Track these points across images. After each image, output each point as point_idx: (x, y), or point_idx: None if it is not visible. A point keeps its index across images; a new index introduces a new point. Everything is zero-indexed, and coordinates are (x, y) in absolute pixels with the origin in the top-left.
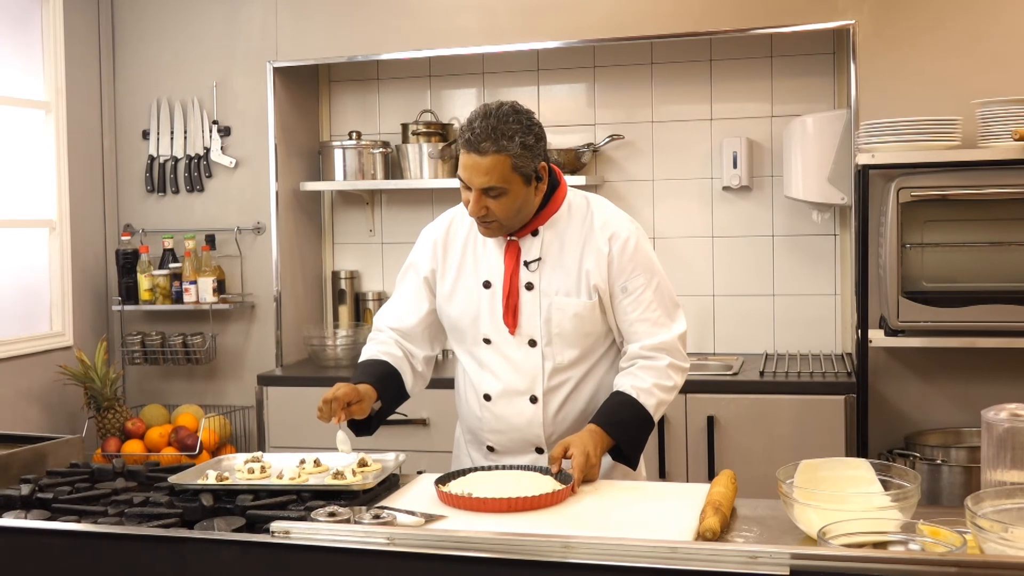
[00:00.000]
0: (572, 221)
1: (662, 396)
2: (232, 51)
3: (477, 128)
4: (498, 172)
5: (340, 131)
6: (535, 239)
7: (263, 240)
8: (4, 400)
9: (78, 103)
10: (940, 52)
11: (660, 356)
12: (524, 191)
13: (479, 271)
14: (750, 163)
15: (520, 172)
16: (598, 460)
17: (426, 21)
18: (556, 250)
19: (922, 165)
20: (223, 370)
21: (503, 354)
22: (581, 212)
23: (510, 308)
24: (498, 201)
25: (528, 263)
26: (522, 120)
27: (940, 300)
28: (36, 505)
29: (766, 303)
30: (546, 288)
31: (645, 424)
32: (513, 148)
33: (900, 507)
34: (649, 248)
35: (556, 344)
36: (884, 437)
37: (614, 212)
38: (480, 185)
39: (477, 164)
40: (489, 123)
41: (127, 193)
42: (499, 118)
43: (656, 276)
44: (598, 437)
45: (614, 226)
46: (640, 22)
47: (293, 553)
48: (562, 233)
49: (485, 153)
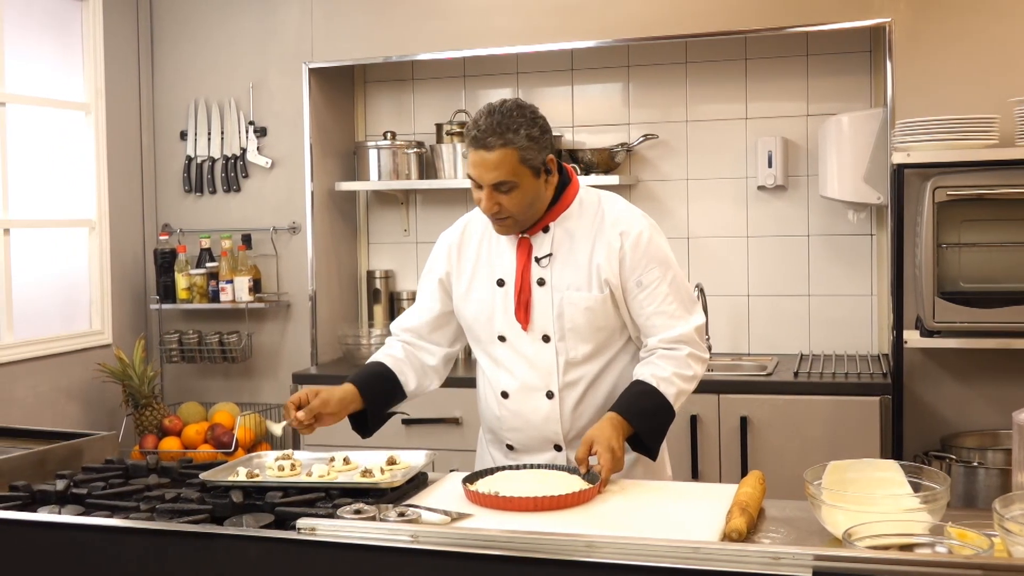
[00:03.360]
0: (583, 217)
1: (682, 385)
2: (268, 52)
3: (482, 125)
4: (506, 166)
5: (375, 131)
6: (546, 235)
7: (299, 240)
8: (44, 397)
9: (117, 104)
10: (977, 50)
11: (680, 347)
12: (534, 184)
13: (493, 270)
14: (785, 162)
15: (528, 165)
16: (622, 453)
17: (460, 21)
18: (567, 246)
19: (958, 164)
20: (259, 368)
21: (518, 351)
22: (592, 208)
23: (522, 304)
24: (509, 196)
25: (539, 259)
26: (525, 114)
27: (977, 300)
28: (71, 500)
29: (801, 303)
30: (557, 283)
31: (665, 413)
32: (519, 141)
33: (929, 509)
34: (663, 242)
35: (570, 339)
36: (919, 439)
37: (626, 207)
38: (490, 181)
39: (485, 160)
40: (493, 119)
41: (165, 193)
42: (503, 114)
43: (671, 269)
44: (619, 427)
45: (625, 221)
46: (675, 21)
47: (319, 550)
48: (573, 229)
49: (492, 148)
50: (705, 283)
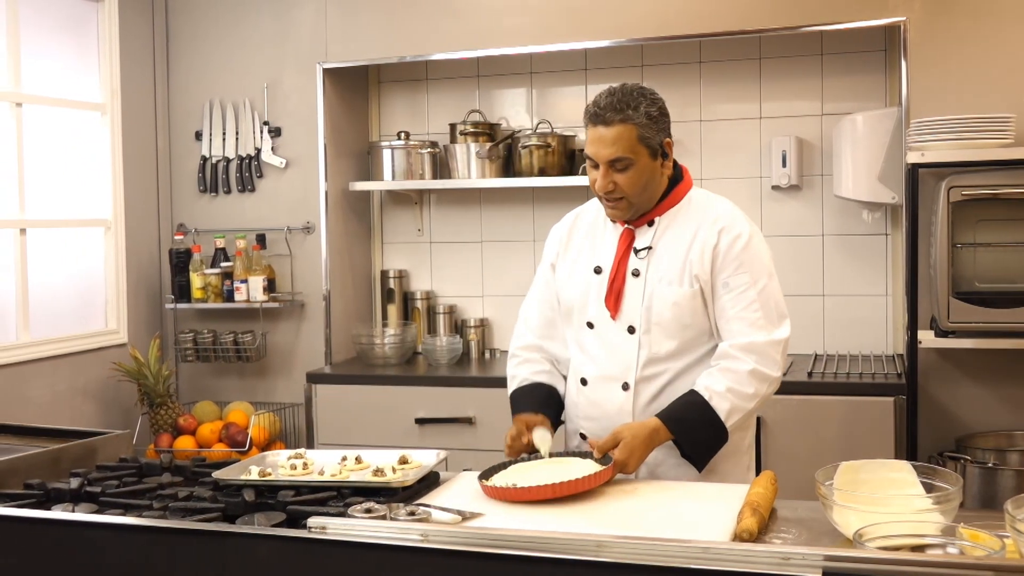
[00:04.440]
0: (690, 215)
1: (736, 402)
2: (283, 53)
3: (602, 102)
4: (624, 142)
5: (389, 131)
6: (650, 229)
7: (313, 239)
8: (61, 396)
9: (133, 105)
10: (992, 49)
11: (745, 359)
12: (650, 165)
13: (593, 257)
14: (800, 162)
15: (646, 144)
16: (639, 463)
17: (474, 21)
18: (667, 240)
19: (973, 164)
20: (273, 368)
21: (603, 339)
22: (700, 207)
23: (613, 292)
24: (625, 175)
25: (638, 250)
26: (646, 94)
27: (992, 300)
28: (84, 498)
29: (815, 303)
30: (651, 276)
31: (714, 428)
32: (639, 118)
33: (941, 510)
34: (763, 250)
35: (655, 333)
36: (934, 440)
37: (732, 209)
38: (607, 157)
39: (603, 136)
40: (614, 98)
41: (180, 193)
42: (624, 92)
43: (764, 279)
44: (654, 435)
45: (726, 220)
46: (688, 21)
47: (329, 548)
48: (677, 225)
49: (611, 123)
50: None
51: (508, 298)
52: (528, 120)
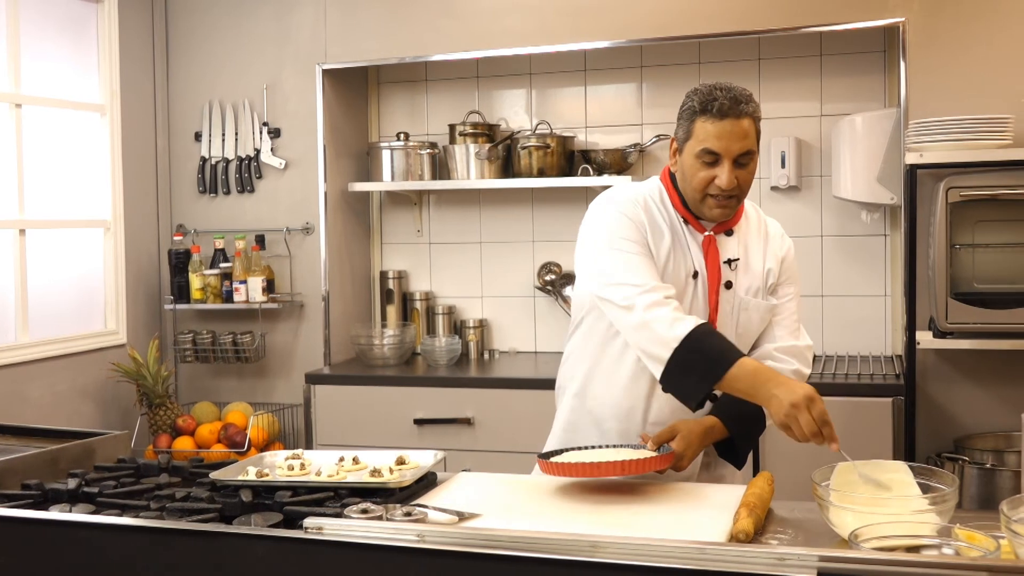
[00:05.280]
0: (751, 225)
1: None
2: (282, 54)
3: (722, 97)
4: (752, 135)
5: (388, 132)
6: (729, 239)
7: (312, 240)
8: (60, 396)
9: (132, 106)
10: (991, 50)
11: (789, 360)
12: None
13: (687, 260)
14: (799, 163)
15: (758, 141)
16: (693, 458)
17: (473, 22)
18: (745, 251)
19: (972, 164)
20: (272, 368)
21: None
22: (754, 217)
23: (713, 304)
24: (746, 169)
25: (730, 261)
26: (747, 90)
27: (991, 301)
28: (82, 499)
29: (814, 304)
30: (739, 288)
31: (758, 421)
32: (758, 112)
33: (937, 511)
34: None
35: (737, 343)
36: (933, 440)
37: (774, 220)
38: (739, 150)
39: (735, 128)
40: (734, 91)
41: (179, 194)
42: (736, 89)
43: (799, 290)
44: (709, 431)
45: (781, 231)
46: (688, 21)
47: (325, 549)
48: (747, 235)
49: (742, 116)
50: None
51: (507, 299)
52: (527, 121)
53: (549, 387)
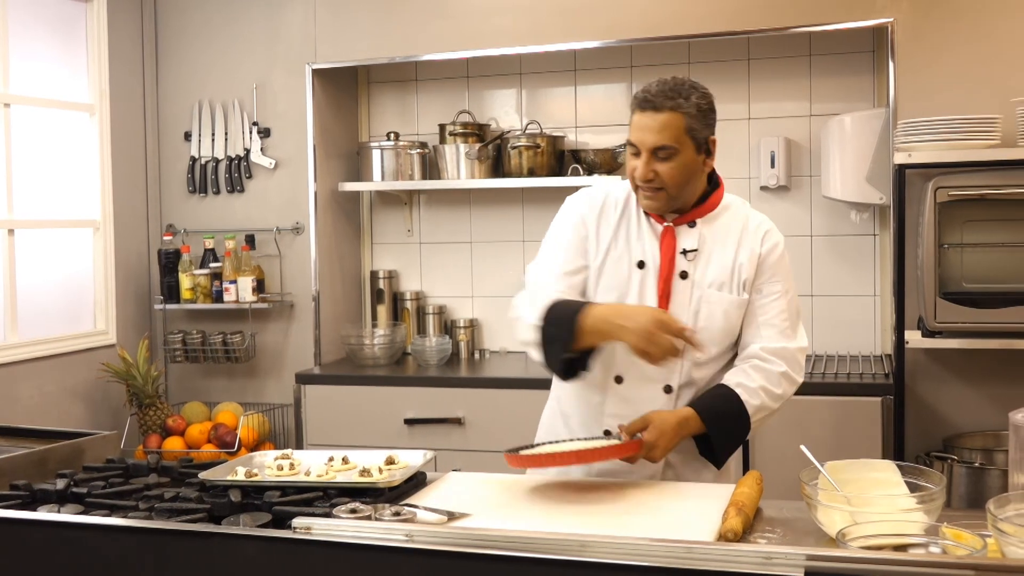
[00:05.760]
0: (728, 219)
1: (766, 401)
2: (272, 53)
3: (654, 89)
4: (672, 130)
5: (378, 132)
6: (692, 230)
7: (302, 240)
8: (49, 397)
9: (122, 105)
10: (979, 50)
11: (776, 362)
12: (694, 159)
13: (632, 250)
14: (788, 163)
15: (692, 136)
16: (667, 450)
17: (464, 22)
18: (712, 244)
19: (960, 164)
20: (262, 368)
21: None
22: (736, 212)
23: (664, 293)
24: (667, 164)
25: (686, 252)
26: (697, 87)
27: (979, 301)
28: (70, 499)
29: (804, 304)
30: (699, 280)
31: (741, 423)
32: (689, 107)
33: (925, 510)
34: (788, 259)
35: (702, 336)
36: (921, 440)
37: (766, 218)
38: (652, 144)
39: (651, 121)
40: (667, 85)
41: (169, 194)
42: (676, 82)
43: (791, 288)
44: (685, 424)
45: (767, 227)
46: (677, 21)
47: (314, 549)
48: (718, 229)
49: (661, 109)
50: None
51: (498, 299)
52: (518, 121)
53: (539, 387)
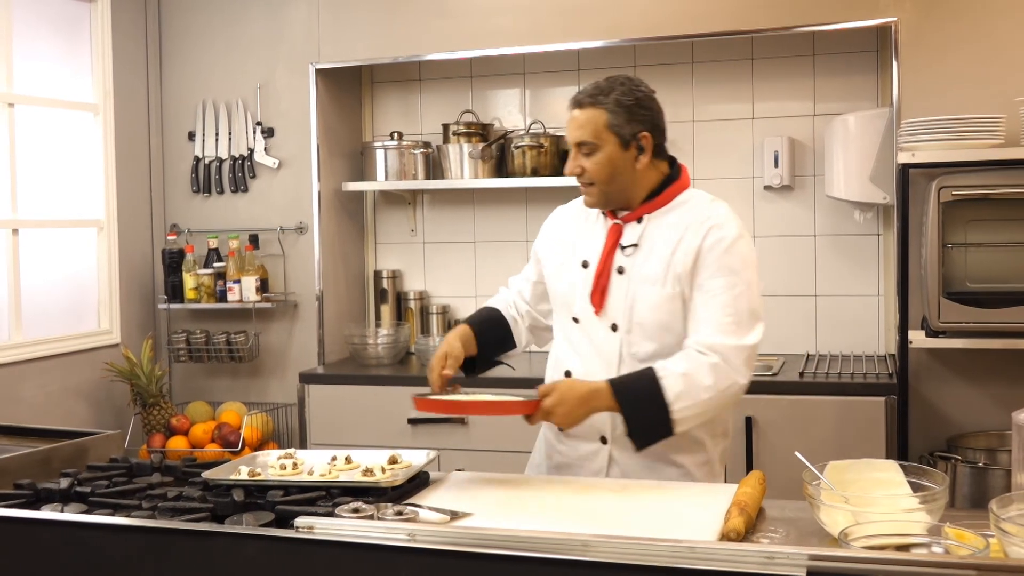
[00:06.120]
0: (681, 216)
1: (689, 389)
2: (275, 53)
3: (585, 88)
4: (591, 127)
5: (382, 132)
6: (638, 226)
7: (306, 240)
8: (53, 396)
9: (126, 105)
10: (983, 50)
11: (709, 355)
12: (620, 155)
13: (579, 251)
14: (792, 162)
15: (615, 132)
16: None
17: (467, 22)
18: (654, 239)
19: (964, 164)
20: (266, 368)
21: (588, 335)
22: (692, 207)
23: (599, 289)
24: (591, 159)
25: (624, 247)
26: (626, 83)
27: (983, 300)
28: (74, 498)
29: (808, 303)
30: (635, 274)
31: (658, 408)
32: (607, 103)
33: (927, 509)
34: (747, 254)
35: (635, 333)
36: (925, 439)
37: (726, 213)
38: (574, 139)
39: (574, 118)
40: (597, 84)
41: (173, 193)
42: (608, 80)
43: (741, 284)
44: (593, 395)
45: (716, 221)
46: (681, 21)
47: (316, 548)
48: (666, 224)
49: (582, 106)
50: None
51: None
52: (521, 120)
53: None
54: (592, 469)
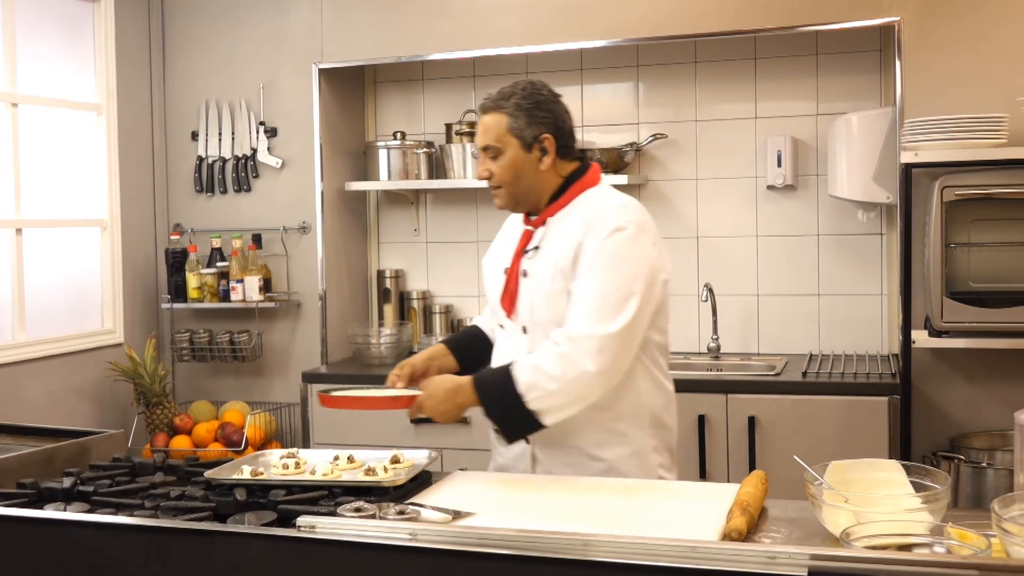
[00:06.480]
0: (578, 213)
1: (539, 380)
2: (278, 53)
3: (489, 94)
4: (493, 131)
5: (385, 131)
6: (543, 229)
7: (309, 239)
8: (57, 396)
9: (129, 105)
10: (986, 49)
11: (560, 343)
12: (523, 157)
13: (503, 259)
14: (795, 162)
15: (516, 135)
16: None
17: (469, 22)
18: (552, 240)
19: (967, 163)
20: (269, 367)
21: (510, 339)
22: (588, 204)
23: (508, 294)
24: (496, 163)
25: (527, 251)
26: (527, 88)
27: (986, 300)
28: (77, 498)
29: (811, 303)
30: (535, 276)
31: (511, 395)
32: (508, 107)
33: (930, 509)
34: (629, 245)
35: (535, 332)
36: (928, 439)
37: (620, 204)
38: (480, 144)
39: (480, 123)
40: (500, 90)
41: (176, 193)
42: (511, 85)
43: (611, 271)
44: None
45: (602, 213)
46: (684, 20)
47: (318, 547)
48: (564, 224)
49: (487, 111)
50: (714, 283)
51: None
52: None
53: None
54: (521, 469)
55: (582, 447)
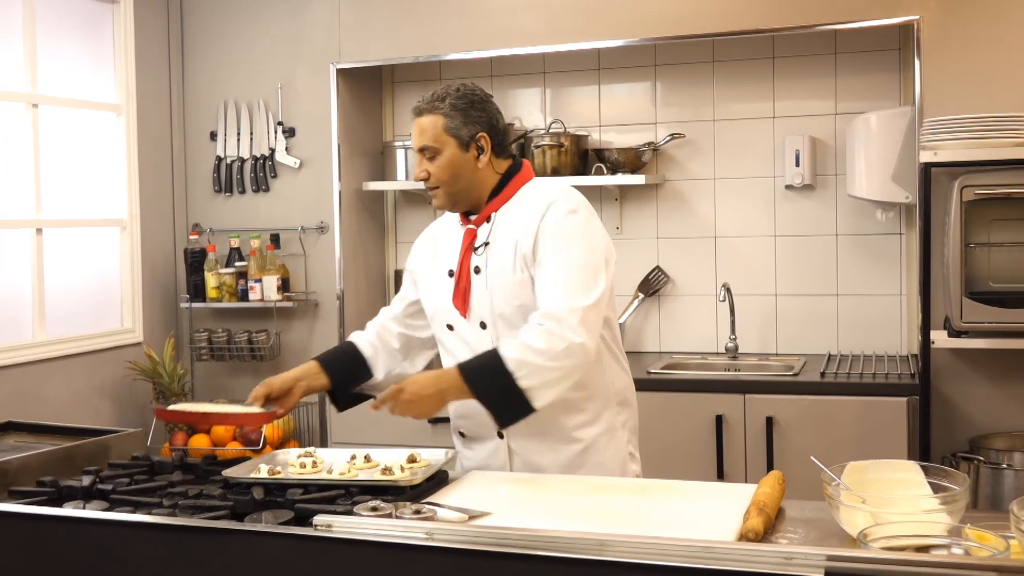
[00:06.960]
0: (524, 205)
1: (527, 355)
2: (296, 53)
3: (424, 97)
4: (430, 132)
5: (402, 131)
6: (488, 225)
7: (327, 239)
8: (76, 394)
9: (148, 105)
10: (1006, 48)
11: (541, 321)
12: (460, 156)
13: (445, 262)
14: (813, 161)
15: (453, 135)
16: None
17: (487, 21)
18: (501, 233)
19: (986, 163)
20: (287, 366)
21: (463, 338)
22: (534, 195)
23: (460, 292)
24: (434, 163)
25: (476, 248)
26: (461, 89)
27: (1006, 300)
28: (96, 496)
29: (829, 303)
30: (490, 269)
31: (501, 375)
32: (443, 108)
33: (948, 510)
34: (582, 223)
35: (500, 325)
36: (947, 440)
37: (562, 192)
38: (416, 145)
39: (416, 125)
40: (434, 92)
41: (195, 193)
42: (444, 87)
43: (576, 248)
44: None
45: (552, 199)
46: (702, 20)
47: (334, 546)
48: (510, 216)
49: (422, 113)
50: (732, 283)
51: None
52: (541, 120)
53: None
54: (496, 466)
55: (558, 431)
